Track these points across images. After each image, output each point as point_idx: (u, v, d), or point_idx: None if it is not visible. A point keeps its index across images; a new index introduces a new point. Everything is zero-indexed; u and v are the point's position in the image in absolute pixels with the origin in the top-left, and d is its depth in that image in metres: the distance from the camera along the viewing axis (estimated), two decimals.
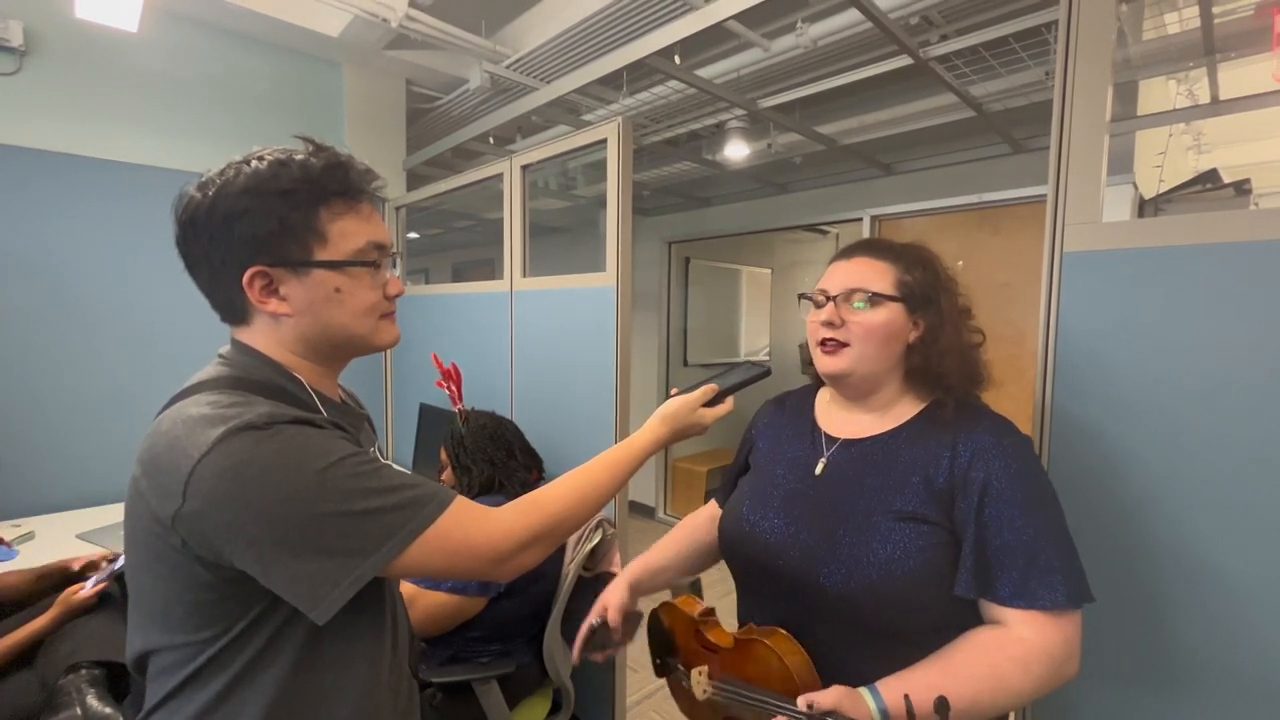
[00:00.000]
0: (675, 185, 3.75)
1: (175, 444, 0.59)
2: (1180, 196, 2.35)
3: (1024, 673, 0.69)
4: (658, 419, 0.87)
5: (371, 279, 0.71)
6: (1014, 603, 0.71)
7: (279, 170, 0.66)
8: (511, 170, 2.01)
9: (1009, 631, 0.72)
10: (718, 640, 0.84)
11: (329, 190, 0.67)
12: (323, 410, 0.71)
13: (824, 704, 0.67)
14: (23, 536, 1.80)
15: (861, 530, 0.77)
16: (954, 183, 2.92)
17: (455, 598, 1.33)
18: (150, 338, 2.21)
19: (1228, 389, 0.81)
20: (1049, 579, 0.71)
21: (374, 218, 0.72)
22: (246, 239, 0.65)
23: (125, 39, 2.08)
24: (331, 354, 0.73)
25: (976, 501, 0.74)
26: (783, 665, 0.75)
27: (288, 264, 0.66)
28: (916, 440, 0.81)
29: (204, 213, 0.65)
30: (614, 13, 1.97)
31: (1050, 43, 1.87)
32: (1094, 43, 0.91)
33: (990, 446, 0.76)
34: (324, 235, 0.67)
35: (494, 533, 0.67)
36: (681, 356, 4.44)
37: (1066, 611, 0.71)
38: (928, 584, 0.74)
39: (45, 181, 2.04)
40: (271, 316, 0.68)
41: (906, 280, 0.83)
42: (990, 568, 0.73)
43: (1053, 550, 0.72)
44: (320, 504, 0.59)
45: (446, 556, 0.65)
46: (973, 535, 0.73)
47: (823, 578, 0.77)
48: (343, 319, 0.70)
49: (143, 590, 0.66)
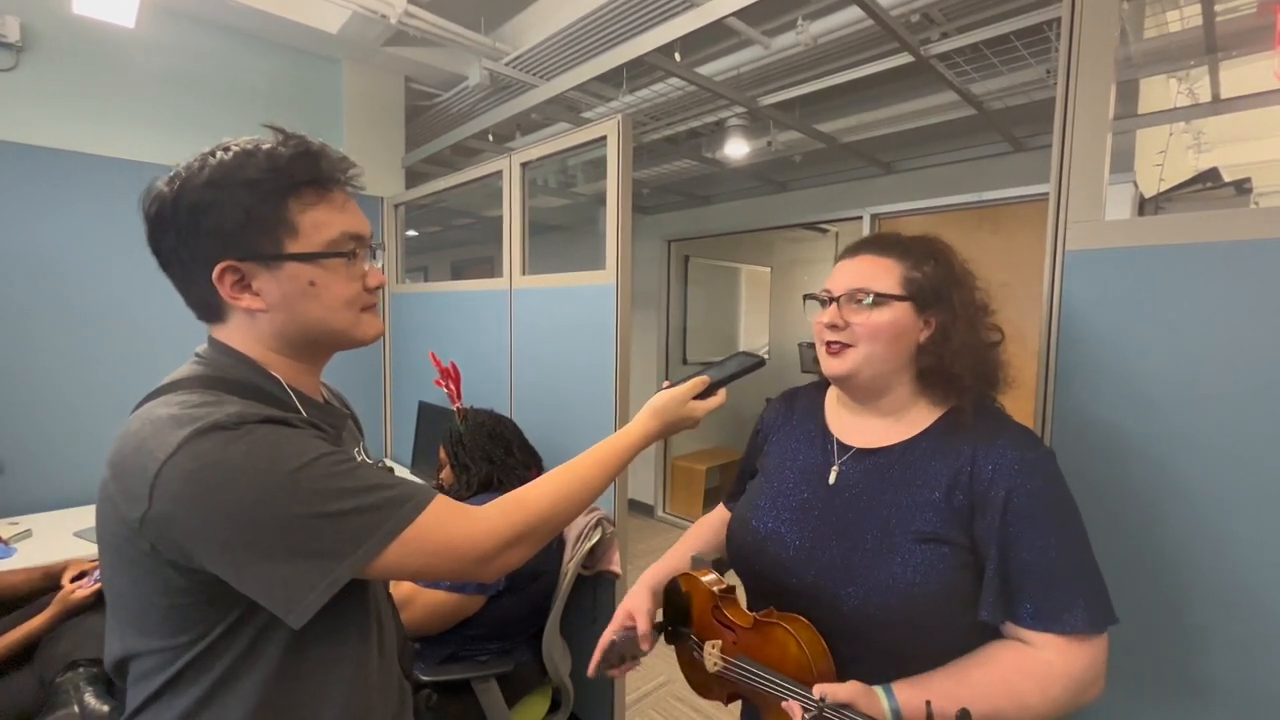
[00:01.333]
0: (675, 183, 3.75)
1: (142, 445, 0.58)
2: (1181, 195, 2.35)
3: (1041, 694, 0.68)
4: (647, 412, 0.85)
5: (348, 270, 0.68)
6: (1035, 625, 0.69)
7: (244, 160, 0.63)
8: (511, 168, 2.00)
9: (1032, 652, 0.70)
10: (736, 618, 0.82)
11: (298, 179, 0.64)
12: (301, 409, 0.68)
13: (839, 696, 0.66)
14: (20, 534, 1.80)
15: (880, 552, 0.75)
16: (954, 181, 2.92)
17: (454, 596, 1.33)
18: (147, 335, 2.21)
19: (1230, 387, 0.81)
20: (1070, 602, 0.69)
21: (349, 207, 0.69)
22: (213, 233, 0.62)
23: (122, 35, 2.06)
24: (310, 350, 0.71)
25: (999, 521, 0.71)
26: (801, 652, 0.73)
27: (258, 257, 0.64)
28: (934, 453, 0.78)
29: (169, 207, 0.63)
30: (614, 9, 1.96)
31: (1051, 40, 1.87)
32: (1097, 40, 0.90)
33: (1013, 462, 0.73)
34: (294, 226, 0.64)
35: (475, 532, 0.65)
36: (681, 354, 4.45)
37: (1089, 635, 0.69)
38: (949, 607, 0.72)
39: (42, 178, 2.03)
40: (246, 313, 0.66)
41: (914, 277, 0.79)
42: (1010, 588, 0.71)
43: (1074, 571, 0.70)
44: (293, 505, 0.57)
45: (426, 557, 0.63)
46: (996, 557, 0.71)
47: (840, 598, 0.75)
48: (319, 313, 0.67)
49: (118, 594, 0.64)
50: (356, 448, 0.81)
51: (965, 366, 0.78)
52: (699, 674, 0.89)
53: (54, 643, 1.33)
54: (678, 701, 2.35)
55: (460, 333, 2.32)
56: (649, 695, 2.39)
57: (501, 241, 2.06)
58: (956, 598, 0.72)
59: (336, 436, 0.73)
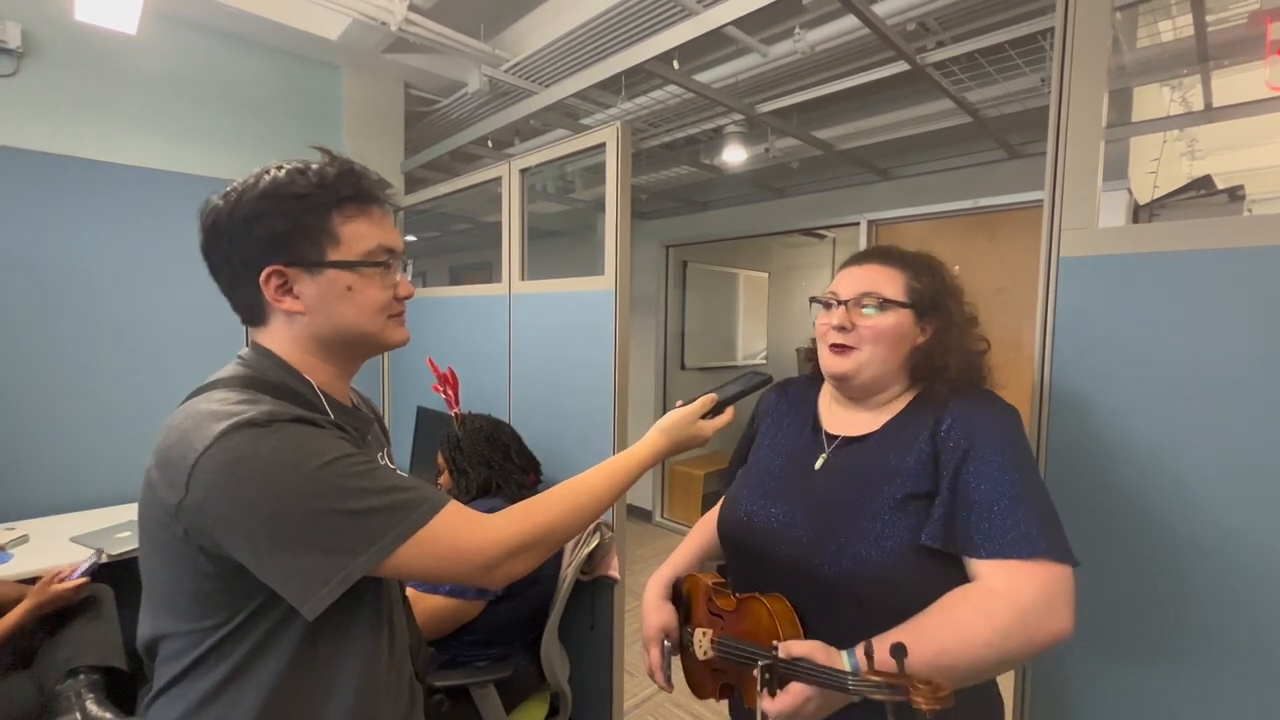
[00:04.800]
0: (673, 189, 3.76)
1: (183, 438, 0.62)
2: (1174, 202, 2.37)
3: (985, 620, 0.67)
4: (657, 431, 0.89)
5: (382, 279, 0.73)
6: (986, 552, 0.71)
7: (296, 177, 0.70)
8: (510, 174, 2.01)
9: (978, 583, 0.71)
10: (724, 605, 0.87)
11: (342, 195, 0.70)
12: (329, 412, 0.72)
13: (795, 651, 0.70)
14: (17, 539, 1.79)
15: (859, 521, 0.78)
16: (950, 188, 2.94)
17: (453, 601, 1.33)
18: (147, 342, 2.21)
19: (1222, 393, 0.82)
20: (1025, 530, 0.70)
21: (385, 222, 0.75)
22: (264, 240, 0.68)
23: (124, 41, 2.07)
24: (344, 353, 0.76)
25: (957, 462, 0.75)
26: (771, 620, 0.77)
27: (303, 263, 0.69)
28: (908, 421, 0.84)
29: (225, 217, 0.69)
30: (613, 18, 1.97)
31: (1046, 49, 1.89)
32: (1090, 50, 0.91)
33: (972, 415, 0.78)
34: (337, 237, 0.70)
35: (483, 539, 0.68)
36: (679, 360, 4.45)
37: (1043, 561, 0.68)
38: (925, 567, 0.75)
39: (43, 183, 2.03)
40: (286, 315, 0.71)
41: (916, 287, 0.85)
42: (967, 522, 0.73)
43: (1030, 504, 0.72)
44: (314, 501, 0.60)
45: (436, 560, 0.66)
46: (946, 490, 0.75)
47: (822, 569, 0.78)
48: (354, 316, 0.72)
49: (152, 576, 0.69)
50: (381, 452, 0.85)
51: (953, 364, 0.83)
52: (694, 669, 0.93)
53: (53, 650, 1.32)
54: (675, 708, 2.34)
55: (459, 338, 2.32)
56: (647, 701, 2.39)
57: (500, 247, 2.07)
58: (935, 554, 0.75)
59: (360, 439, 0.76)
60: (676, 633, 0.95)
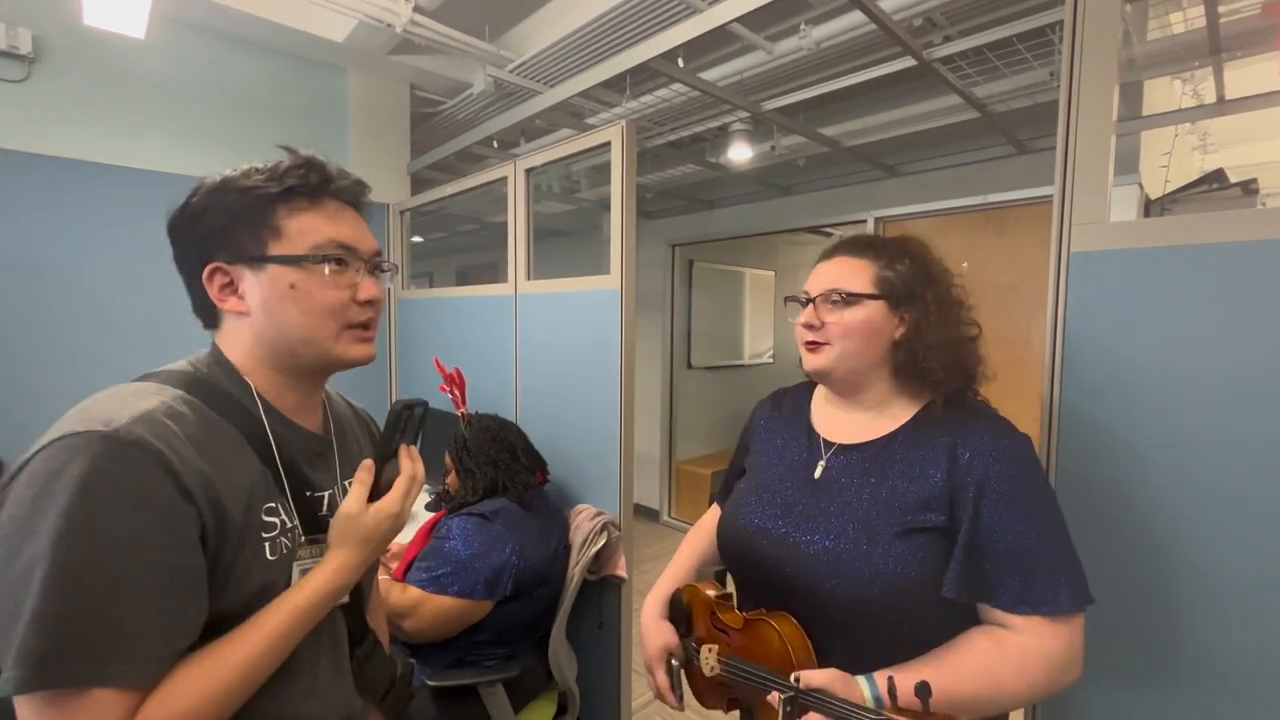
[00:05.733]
0: (679, 188, 3.75)
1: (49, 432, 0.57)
2: (1187, 196, 2.34)
3: (1019, 676, 0.70)
4: (331, 546, 0.69)
5: (335, 279, 0.67)
6: (1017, 609, 0.71)
7: (249, 172, 0.67)
8: (515, 174, 2.01)
9: (1010, 635, 0.71)
10: (729, 621, 0.85)
11: (288, 185, 0.66)
12: (265, 420, 0.67)
13: (814, 682, 0.68)
14: None
15: (862, 544, 0.76)
16: (958, 184, 2.91)
17: (461, 601, 1.33)
18: (158, 345, 2.22)
19: (1236, 388, 0.80)
20: (1052, 584, 0.70)
21: (341, 216, 0.70)
22: (205, 235, 0.66)
23: (132, 45, 2.09)
24: (291, 362, 0.69)
25: (973, 505, 0.73)
26: (783, 645, 0.76)
27: (244, 259, 0.66)
28: (914, 445, 0.81)
29: (176, 218, 0.68)
30: (617, 16, 1.97)
31: (1054, 43, 1.87)
32: (1100, 43, 0.90)
33: (989, 449, 0.75)
34: (279, 230, 0.66)
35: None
36: (685, 359, 4.44)
37: (1070, 616, 0.71)
38: (932, 596, 0.74)
39: (53, 187, 2.05)
40: (236, 317, 0.68)
41: (886, 276, 0.82)
42: (991, 573, 0.72)
43: (1055, 554, 0.72)
44: (24, 565, 0.51)
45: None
46: (965, 537, 0.73)
47: (825, 591, 0.77)
48: (298, 318, 0.66)
49: None
50: (332, 490, 0.74)
51: (938, 361, 0.80)
52: (699, 681, 0.91)
53: None
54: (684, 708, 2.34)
55: (465, 338, 2.33)
56: (655, 700, 2.38)
57: (506, 247, 2.07)
58: (938, 586, 0.74)
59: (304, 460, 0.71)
60: (680, 651, 0.94)
